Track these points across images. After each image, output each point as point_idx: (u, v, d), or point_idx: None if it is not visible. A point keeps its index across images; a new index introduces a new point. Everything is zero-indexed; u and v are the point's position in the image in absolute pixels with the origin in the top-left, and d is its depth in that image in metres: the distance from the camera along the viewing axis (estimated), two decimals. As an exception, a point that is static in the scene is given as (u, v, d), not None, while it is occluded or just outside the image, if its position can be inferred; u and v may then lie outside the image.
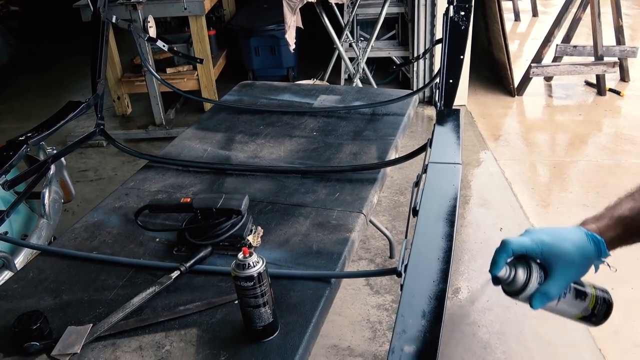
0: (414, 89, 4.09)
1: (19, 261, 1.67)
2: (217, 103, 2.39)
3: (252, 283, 1.00)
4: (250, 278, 0.99)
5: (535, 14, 6.50)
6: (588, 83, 4.42)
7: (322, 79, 4.17)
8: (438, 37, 3.06)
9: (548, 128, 3.93)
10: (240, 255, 1.00)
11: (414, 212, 1.20)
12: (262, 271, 1.00)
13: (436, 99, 1.82)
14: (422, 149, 1.61)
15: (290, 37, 3.60)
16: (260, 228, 1.40)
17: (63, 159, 1.95)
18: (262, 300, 1.02)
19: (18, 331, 1.05)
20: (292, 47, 3.67)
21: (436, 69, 3.97)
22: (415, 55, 4.08)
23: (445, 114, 1.72)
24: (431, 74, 4.15)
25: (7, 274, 1.57)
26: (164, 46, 2.25)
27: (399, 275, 1.03)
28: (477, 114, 4.03)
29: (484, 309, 2.24)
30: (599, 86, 4.25)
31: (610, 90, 4.27)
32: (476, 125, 3.87)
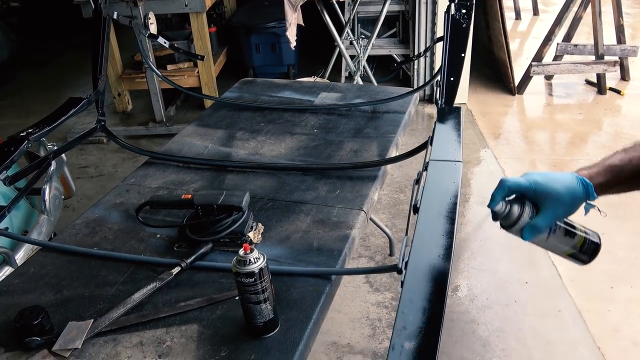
0: (415, 87, 4.09)
1: (20, 257, 1.67)
2: (218, 100, 2.39)
3: (253, 279, 1.00)
4: (251, 274, 1.00)
5: (536, 12, 6.49)
6: (588, 82, 4.42)
7: (322, 77, 4.18)
8: (439, 35, 3.06)
9: (548, 127, 3.93)
10: (242, 252, 1.00)
11: (415, 209, 1.20)
12: (263, 267, 1.01)
13: (437, 96, 1.82)
14: (423, 146, 1.61)
15: (291, 34, 3.60)
16: (260, 225, 1.40)
17: (64, 155, 1.95)
18: (263, 296, 1.02)
19: (19, 326, 1.05)
20: (293, 44, 3.67)
21: (437, 67, 3.98)
22: (416, 53, 4.07)
23: (446, 111, 1.72)
24: (432, 72, 4.15)
25: (7, 270, 1.58)
26: (165, 43, 2.25)
27: (400, 272, 1.03)
28: (478, 112, 4.03)
29: (484, 306, 2.25)
30: (599, 85, 4.25)
31: (611, 89, 4.27)
32: (476, 123, 3.87)
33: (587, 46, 4.25)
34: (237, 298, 1.08)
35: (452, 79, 1.76)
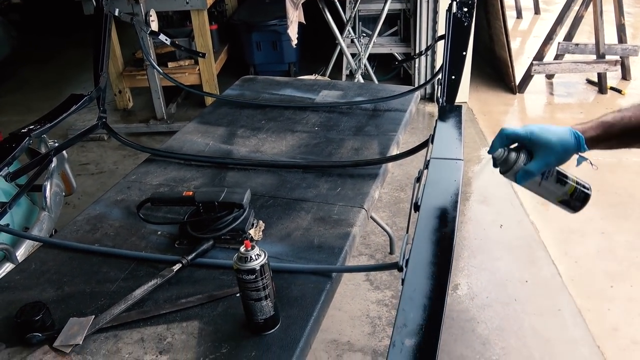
0: (416, 85, 4.09)
1: (20, 253, 1.67)
2: (219, 97, 2.39)
3: (254, 276, 1.00)
4: (252, 271, 1.00)
5: (537, 11, 6.48)
6: (589, 81, 4.42)
7: (323, 75, 4.17)
8: (440, 33, 3.06)
9: (549, 126, 3.92)
10: (243, 248, 1.01)
11: (416, 207, 1.20)
12: (264, 264, 1.01)
13: (438, 95, 1.82)
14: (424, 144, 1.61)
15: (293, 32, 3.59)
16: (261, 222, 1.40)
17: (65, 152, 1.95)
18: (264, 293, 1.02)
19: (20, 322, 1.06)
20: (294, 42, 3.66)
21: (438, 65, 3.97)
22: (417, 52, 4.07)
23: (447, 110, 1.72)
24: (433, 70, 4.14)
25: (8, 266, 1.58)
26: (166, 40, 2.24)
27: (400, 269, 1.03)
28: (478, 110, 4.03)
29: (484, 305, 2.25)
30: (600, 84, 4.25)
31: (612, 88, 4.27)
32: (477, 122, 3.87)
33: (588, 45, 4.24)
34: (238, 295, 1.08)
35: (453, 77, 1.76)
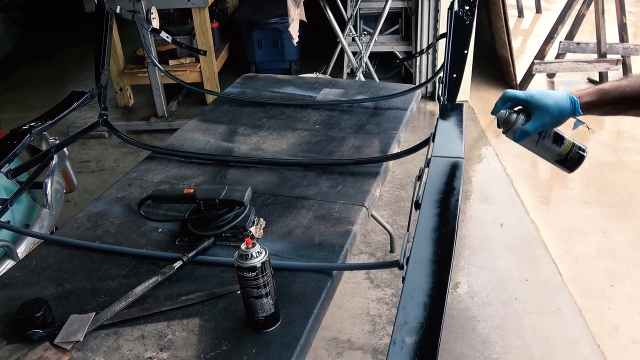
0: (417, 83, 4.09)
1: (21, 250, 1.67)
2: (220, 95, 2.39)
3: (254, 273, 1.00)
4: (253, 268, 1.00)
5: (538, 10, 6.47)
6: (591, 80, 4.41)
7: (324, 73, 4.17)
8: (441, 32, 3.06)
9: (550, 125, 3.91)
10: (244, 246, 1.01)
11: (416, 205, 1.20)
12: (264, 262, 1.01)
13: (439, 93, 1.82)
14: (425, 143, 1.61)
15: (294, 30, 3.59)
16: (262, 220, 1.40)
17: (65, 149, 1.95)
18: (265, 290, 1.02)
19: (21, 319, 1.06)
20: (296, 40, 3.66)
21: (439, 64, 3.97)
22: (419, 50, 4.07)
23: (448, 108, 1.72)
24: (434, 69, 4.14)
25: (9, 263, 1.58)
26: (167, 37, 2.24)
27: (401, 267, 1.03)
28: (480, 109, 4.03)
29: (484, 303, 2.25)
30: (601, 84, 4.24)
31: (613, 87, 4.26)
32: (478, 120, 3.87)
33: (590, 44, 4.24)
34: (238, 292, 1.08)
35: (454, 75, 1.76)
